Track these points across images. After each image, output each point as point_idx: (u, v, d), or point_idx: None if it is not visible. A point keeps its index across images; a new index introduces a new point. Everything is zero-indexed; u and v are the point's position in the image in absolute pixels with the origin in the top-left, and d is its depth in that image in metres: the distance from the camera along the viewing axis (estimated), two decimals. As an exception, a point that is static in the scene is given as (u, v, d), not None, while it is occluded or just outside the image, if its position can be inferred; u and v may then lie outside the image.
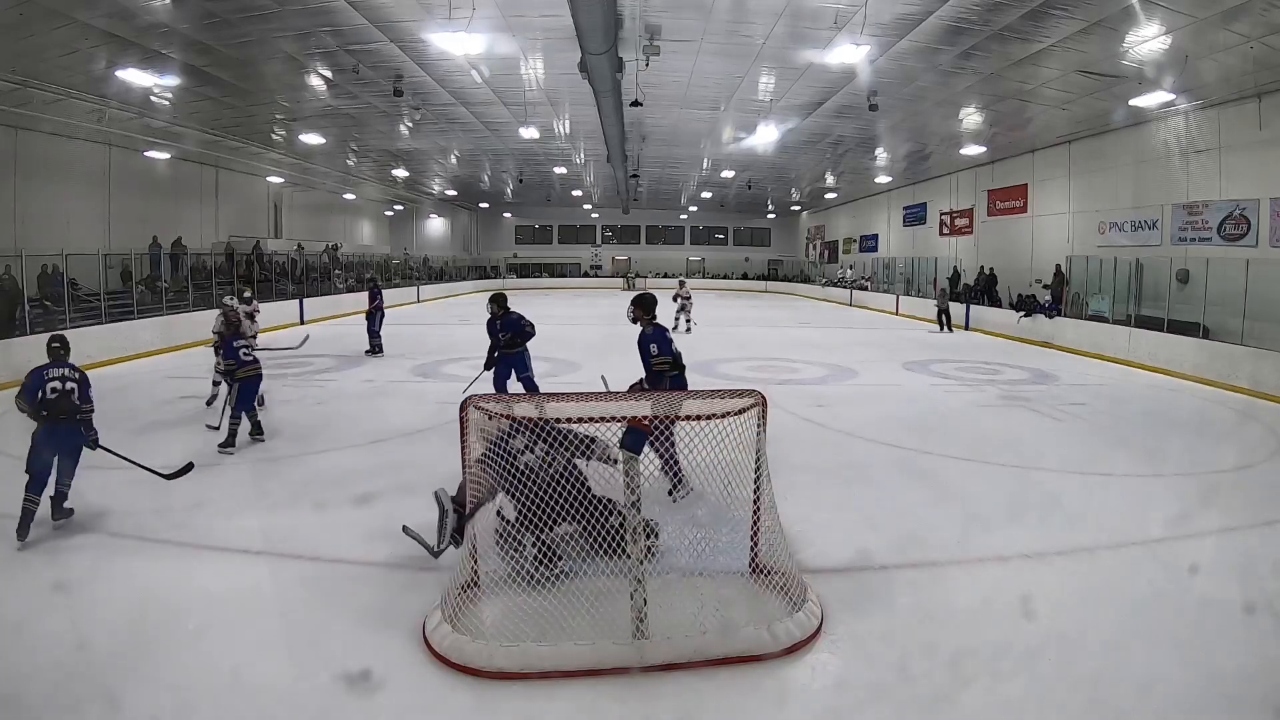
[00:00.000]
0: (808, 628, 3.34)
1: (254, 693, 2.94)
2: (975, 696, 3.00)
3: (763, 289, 37.83)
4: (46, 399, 4.59)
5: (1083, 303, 15.02)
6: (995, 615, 3.67)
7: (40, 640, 3.27)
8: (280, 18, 9.81)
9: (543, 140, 18.80)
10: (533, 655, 3.09)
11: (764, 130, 16.89)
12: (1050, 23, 9.49)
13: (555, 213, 39.38)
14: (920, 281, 23.41)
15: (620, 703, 2.95)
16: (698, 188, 30.05)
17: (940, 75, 12.20)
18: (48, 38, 9.63)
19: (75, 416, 4.65)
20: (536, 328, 7.51)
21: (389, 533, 4.56)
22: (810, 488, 5.38)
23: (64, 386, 4.66)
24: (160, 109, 13.72)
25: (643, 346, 5.43)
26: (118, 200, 16.45)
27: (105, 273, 13.37)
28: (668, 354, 5.32)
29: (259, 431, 6.66)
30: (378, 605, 3.64)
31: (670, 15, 10.10)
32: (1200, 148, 12.75)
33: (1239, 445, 7.36)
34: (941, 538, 4.62)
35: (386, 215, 34.62)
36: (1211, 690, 3.03)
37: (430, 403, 8.37)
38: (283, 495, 5.34)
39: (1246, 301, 10.57)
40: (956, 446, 6.84)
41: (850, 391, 9.80)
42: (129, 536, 4.48)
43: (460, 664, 3.10)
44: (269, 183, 23.20)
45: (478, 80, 13.45)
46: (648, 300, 5.60)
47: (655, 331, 5.43)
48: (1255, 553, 4.47)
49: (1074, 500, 5.41)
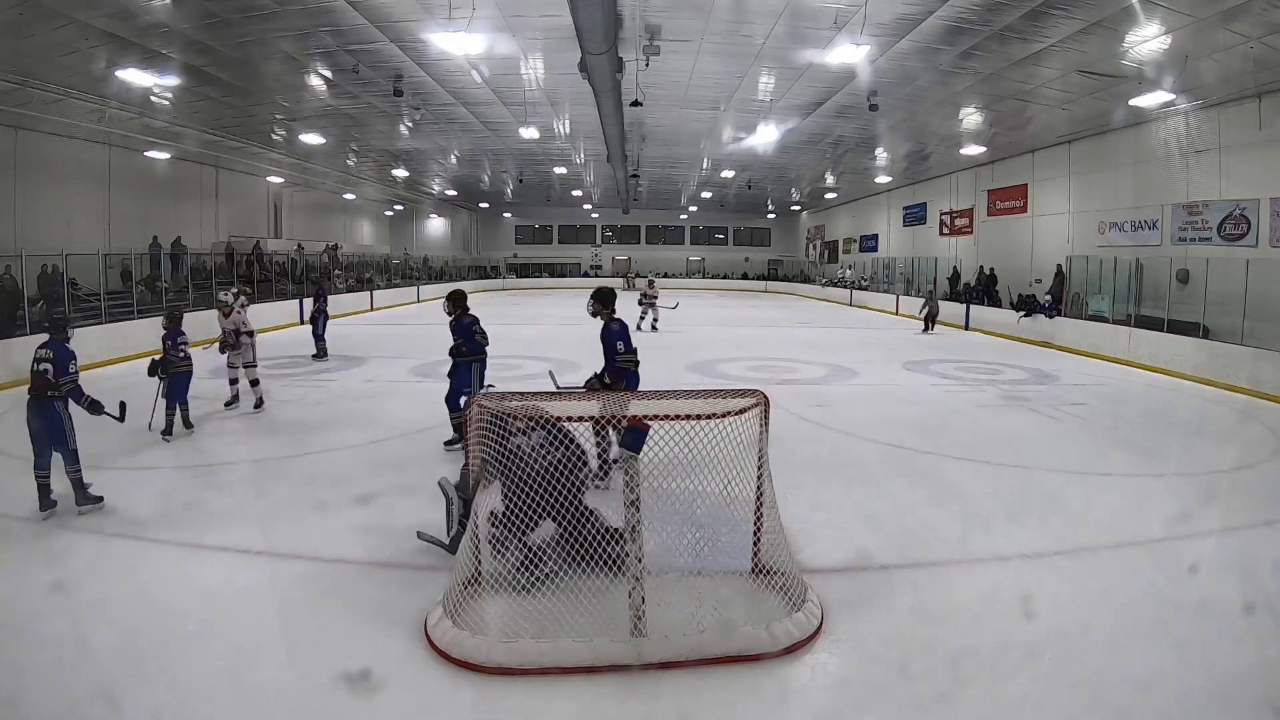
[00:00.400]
0: (807, 628, 3.34)
1: (254, 693, 2.94)
2: (975, 696, 3.00)
3: (763, 289, 37.83)
4: (33, 376, 4.86)
5: (1083, 303, 15.02)
6: (995, 615, 3.67)
7: (40, 640, 3.27)
8: (280, 18, 9.81)
9: (543, 140, 18.80)
10: (531, 652, 3.11)
11: (764, 130, 16.90)
12: (1050, 23, 9.48)
13: (555, 213, 39.39)
14: (920, 282, 23.41)
15: (620, 702, 2.95)
16: (698, 188, 30.05)
17: (940, 75, 12.20)
18: (48, 38, 9.62)
19: (47, 394, 4.80)
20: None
21: (389, 532, 4.57)
22: (810, 488, 5.38)
23: (37, 367, 4.84)
24: (160, 109, 13.71)
25: (607, 341, 5.54)
26: (118, 200, 16.45)
27: (105, 273, 13.38)
28: (631, 351, 5.52)
29: (188, 425, 7.09)
30: (378, 605, 3.64)
31: (670, 15, 10.09)
32: (1200, 148, 12.74)
33: (1239, 445, 7.36)
34: (941, 538, 4.62)
35: (386, 215, 34.62)
36: (1211, 690, 3.02)
37: (430, 402, 8.37)
38: (283, 495, 5.33)
39: (1246, 301, 10.57)
40: (956, 446, 6.84)
41: (850, 391, 9.81)
42: (129, 536, 4.49)
43: (460, 659, 3.11)
44: (269, 183, 23.20)
45: (478, 80, 13.45)
46: (606, 294, 5.70)
47: (620, 328, 5.57)
48: (1255, 553, 4.48)
49: (1074, 500, 5.41)
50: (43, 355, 4.85)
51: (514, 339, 15.22)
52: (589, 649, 3.13)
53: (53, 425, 4.79)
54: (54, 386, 4.79)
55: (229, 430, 7.29)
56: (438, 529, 4.33)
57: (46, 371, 4.80)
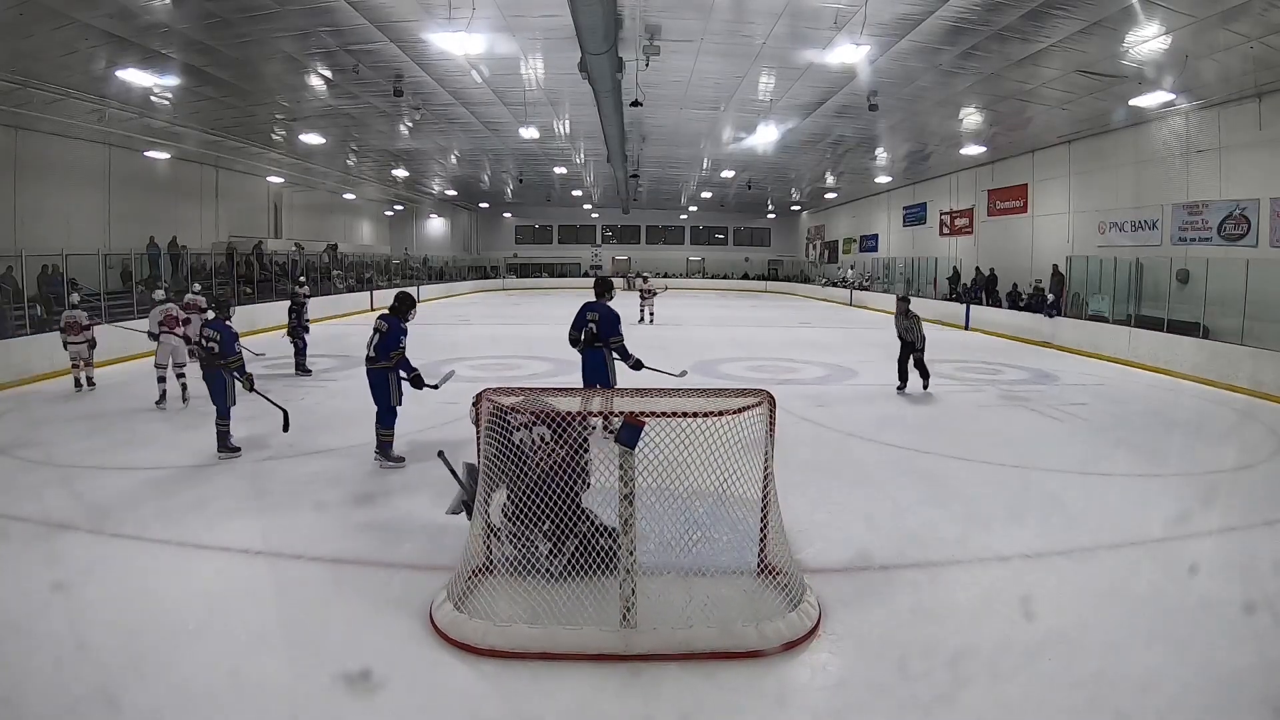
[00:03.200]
0: (799, 627, 3.34)
1: (254, 692, 2.93)
2: (975, 696, 3.00)
3: (763, 289, 37.81)
4: (201, 350, 6.25)
5: (1083, 303, 15.02)
6: (995, 615, 3.67)
7: (40, 640, 3.27)
8: (280, 18, 9.81)
9: (543, 140, 18.80)
10: (523, 636, 3.21)
11: (764, 130, 16.90)
12: (1050, 23, 9.48)
13: (555, 213, 39.39)
14: (920, 282, 23.41)
15: (620, 701, 2.95)
16: (698, 188, 30.04)
17: (940, 75, 12.20)
18: (48, 38, 9.62)
19: (215, 365, 6.08)
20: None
21: (389, 532, 4.57)
22: (810, 488, 5.38)
23: (205, 343, 6.17)
24: (160, 109, 13.71)
25: (611, 320, 6.52)
26: (118, 200, 16.45)
27: (105, 273, 13.38)
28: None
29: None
30: (377, 605, 3.64)
31: (670, 15, 10.09)
32: (1200, 148, 12.74)
33: (1239, 445, 7.36)
34: (941, 538, 4.62)
35: (386, 215, 34.62)
36: (1211, 690, 3.02)
37: (430, 402, 8.36)
38: (283, 495, 5.33)
39: (1246, 301, 10.57)
40: (956, 446, 6.84)
41: (850, 391, 9.81)
42: (129, 537, 4.48)
43: (457, 640, 3.23)
44: (269, 183, 23.20)
45: (478, 80, 13.45)
46: (609, 282, 6.89)
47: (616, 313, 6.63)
48: (1255, 553, 4.48)
49: (1074, 500, 5.41)
50: (210, 334, 6.10)
51: (514, 339, 15.23)
52: (578, 637, 3.20)
53: (217, 388, 6.08)
54: (221, 358, 6.01)
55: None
56: (439, 528, 4.33)
57: (214, 348, 6.04)
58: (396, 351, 5.81)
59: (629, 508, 3.26)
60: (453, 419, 7.20)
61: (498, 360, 12.07)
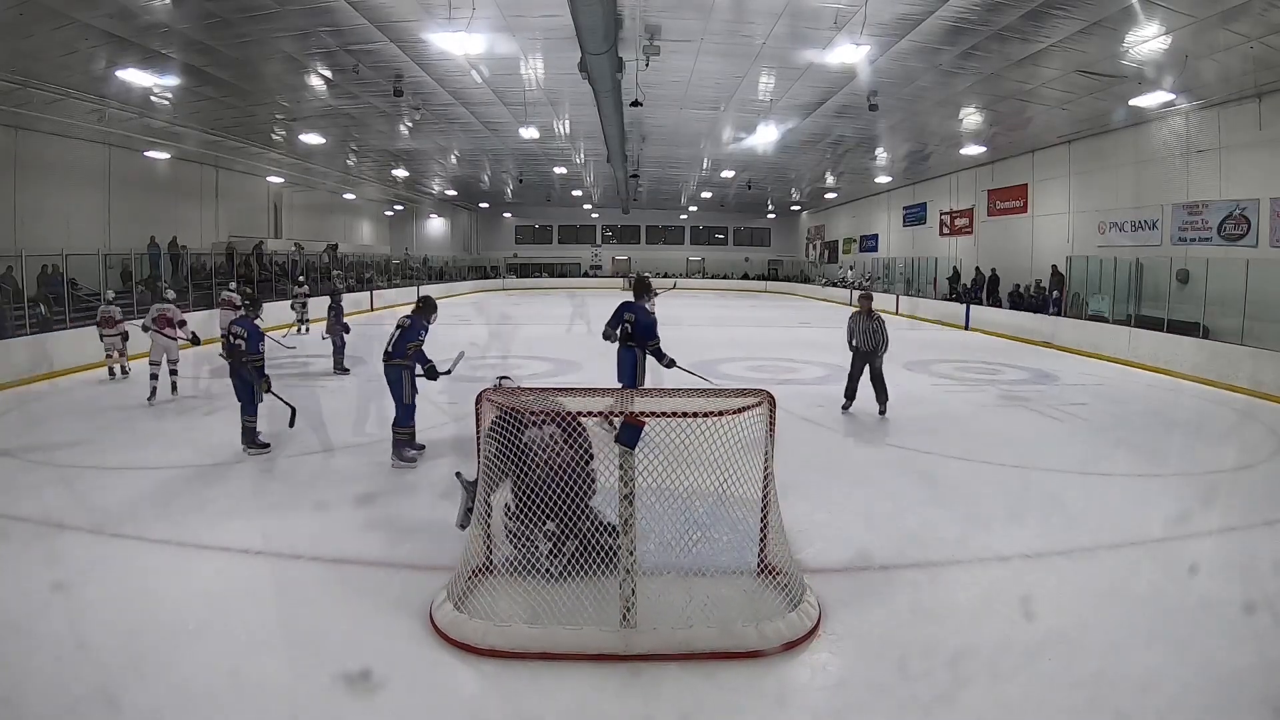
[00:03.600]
0: (799, 627, 3.34)
1: (254, 692, 2.93)
2: (975, 696, 3.00)
3: (763, 289, 37.79)
4: (227, 347, 6.31)
5: (1083, 302, 15.02)
6: (995, 615, 3.67)
7: (39, 640, 3.27)
8: (280, 18, 9.80)
9: (543, 140, 18.79)
10: (523, 636, 3.21)
11: (764, 130, 16.89)
12: (1050, 23, 9.48)
13: (555, 213, 39.36)
14: (920, 282, 23.41)
15: (620, 701, 2.95)
16: (698, 188, 30.03)
17: (940, 75, 12.20)
18: (48, 38, 9.62)
19: (242, 361, 6.15)
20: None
21: (389, 532, 4.57)
22: (810, 487, 5.38)
23: (231, 340, 6.22)
24: (160, 109, 13.70)
25: (647, 325, 6.66)
26: (118, 200, 16.44)
27: (105, 273, 13.38)
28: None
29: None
30: (378, 605, 3.64)
31: (670, 15, 10.09)
32: (1200, 148, 12.74)
33: (1239, 445, 7.36)
34: (941, 537, 4.62)
35: (386, 215, 34.61)
36: (1211, 690, 3.02)
37: (430, 402, 8.36)
38: (283, 495, 5.33)
39: (1246, 301, 10.57)
40: (956, 446, 6.84)
41: (850, 391, 9.78)
42: (129, 536, 4.48)
43: (457, 640, 3.22)
44: (269, 183, 23.18)
45: (478, 80, 13.45)
46: (647, 283, 7.16)
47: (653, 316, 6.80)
48: (1255, 553, 4.48)
49: (1074, 500, 5.41)
50: (238, 331, 6.20)
51: (514, 339, 15.23)
52: (578, 637, 3.20)
53: (244, 384, 6.15)
54: (246, 354, 6.11)
55: (229, 430, 7.27)
56: (439, 528, 4.33)
57: (240, 345, 6.12)
58: (414, 343, 5.88)
59: (629, 508, 3.26)
60: (455, 419, 7.20)
61: (498, 360, 12.07)
